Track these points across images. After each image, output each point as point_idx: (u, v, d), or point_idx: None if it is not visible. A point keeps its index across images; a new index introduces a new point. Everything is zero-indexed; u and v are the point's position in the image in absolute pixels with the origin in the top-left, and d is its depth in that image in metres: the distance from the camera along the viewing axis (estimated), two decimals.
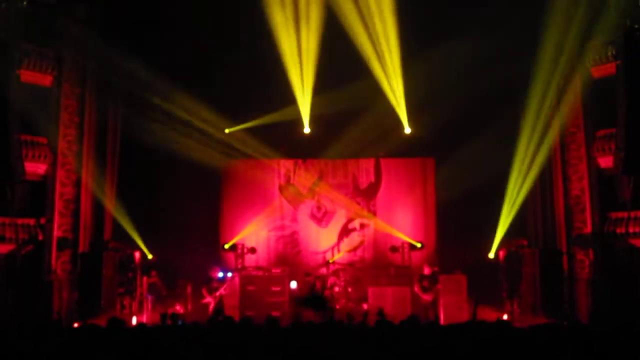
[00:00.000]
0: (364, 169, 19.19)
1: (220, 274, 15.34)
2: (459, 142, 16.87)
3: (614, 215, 14.88)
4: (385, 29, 16.61)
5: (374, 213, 19.05)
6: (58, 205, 15.46)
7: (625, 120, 14.14)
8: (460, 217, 17.29)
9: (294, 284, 17.07)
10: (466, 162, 16.61)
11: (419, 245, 17.86)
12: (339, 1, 16.34)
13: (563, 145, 15.98)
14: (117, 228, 16.65)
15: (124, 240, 16.42)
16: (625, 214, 14.57)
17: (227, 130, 17.79)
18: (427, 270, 15.36)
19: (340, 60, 16.61)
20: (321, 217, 19.07)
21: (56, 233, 15.36)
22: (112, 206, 16.64)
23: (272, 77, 16.79)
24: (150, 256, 16.76)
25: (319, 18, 16.49)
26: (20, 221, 14.69)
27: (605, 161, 15.15)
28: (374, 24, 16.63)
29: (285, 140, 18.30)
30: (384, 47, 16.71)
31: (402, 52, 16.66)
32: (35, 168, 15.22)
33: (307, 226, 19.07)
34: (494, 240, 16.80)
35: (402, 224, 18.59)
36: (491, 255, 16.85)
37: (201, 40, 16.30)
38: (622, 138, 14.17)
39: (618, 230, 14.69)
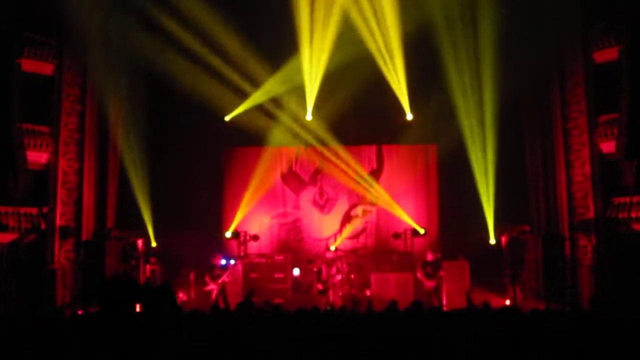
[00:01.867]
0: (366, 156, 19.18)
1: (223, 261, 15.36)
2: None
3: (617, 200, 14.86)
4: (386, 16, 16.61)
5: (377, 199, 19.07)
6: (60, 194, 15.47)
7: (627, 106, 14.11)
8: (462, 203, 17.34)
9: (296, 271, 17.12)
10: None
11: (422, 231, 17.87)
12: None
13: (565, 130, 15.93)
14: (120, 216, 16.68)
15: (126, 228, 16.46)
16: (627, 199, 14.55)
17: (227, 118, 17.74)
18: (430, 257, 15.37)
19: (345, 48, 16.66)
20: (323, 204, 19.09)
21: (59, 222, 15.37)
22: (114, 194, 16.66)
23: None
24: (154, 244, 16.82)
25: (330, 14, 16.57)
26: (22, 210, 14.72)
27: (608, 146, 15.11)
28: (375, 12, 16.63)
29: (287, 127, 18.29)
30: (385, 35, 16.71)
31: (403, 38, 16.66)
32: (38, 157, 15.22)
33: (309, 213, 19.10)
34: (493, 226, 16.90)
35: (405, 211, 18.59)
36: (492, 241, 16.88)
37: (207, 27, 16.31)
38: (625, 123, 14.14)
39: (621, 216, 14.68)
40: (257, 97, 17.54)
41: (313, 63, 16.99)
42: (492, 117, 16.77)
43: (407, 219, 18.19)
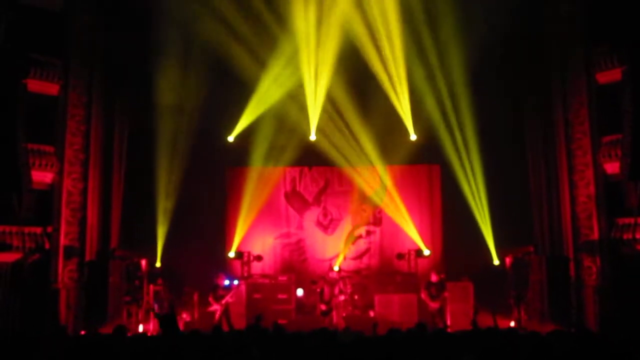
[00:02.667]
0: (370, 176, 19.18)
1: (227, 282, 15.32)
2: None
3: (621, 221, 14.82)
4: (390, 36, 16.74)
5: (380, 220, 19.06)
6: (65, 213, 15.45)
7: (631, 126, 14.13)
8: (466, 224, 17.33)
9: (300, 292, 17.06)
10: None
11: (428, 251, 17.84)
12: (349, 18, 16.54)
13: (569, 151, 15.93)
14: (124, 236, 16.67)
15: (131, 248, 16.45)
16: (632, 220, 14.50)
17: (230, 137, 17.76)
18: (434, 278, 15.31)
19: (350, 69, 16.83)
20: (327, 225, 19.08)
21: (63, 241, 15.34)
22: (118, 214, 16.67)
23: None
24: (158, 264, 16.81)
25: (334, 31, 16.72)
26: (27, 230, 14.72)
27: (612, 167, 15.09)
28: (379, 33, 16.77)
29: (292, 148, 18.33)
30: (389, 54, 16.83)
31: (406, 58, 16.80)
32: (42, 177, 15.25)
33: (313, 233, 19.09)
34: (496, 248, 16.91)
35: (408, 231, 18.56)
36: (495, 262, 16.86)
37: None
38: (628, 144, 14.15)
39: (625, 236, 14.62)
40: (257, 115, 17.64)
41: (316, 83, 17.09)
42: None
43: (414, 234, 18.17)
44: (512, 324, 14.93)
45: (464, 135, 17.26)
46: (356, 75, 17.23)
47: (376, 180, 18.93)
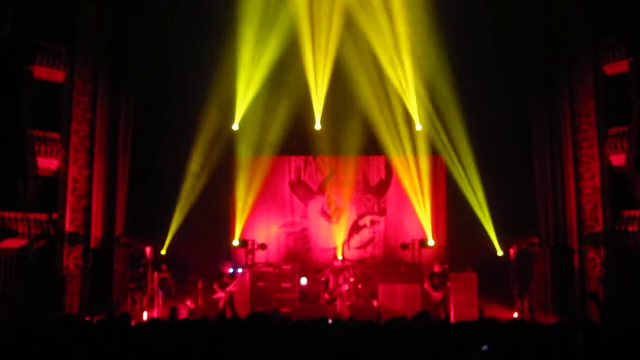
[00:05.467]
0: (375, 166, 19.22)
1: (231, 270, 15.36)
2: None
3: (626, 213, 14.78)
4: (395, 26, 16.72)
5: (385, 210, 19.07)
6: (70, 200, 15.49)
7: (637, 118, 14.08)
8: (470, 214, 17.33)
9: (304, 281, 17.11)
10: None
11: (432, 241, 17.86)
12: (354, 5, 16.51)
13: (575, 142, 15.88)
14: (129, 223, 16.73)
15: (135, 235, 16.52)
16: (637, 212, 14.47)
17: (235, 126, 17.74)
18: (437, 268, 15.32)
19: (353, 58, 16.79)
20: (332, 214, 19.10)
21: (68, 228, 15.40)
22: (124, 201, 16.72)
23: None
24: (164, 251, 16.89)
25: (337, 19, 16.75)
26: (32, 216, 14.77)
27: (618, 159, 15.03)
28: (384, 22, 16.73)
29: (297, 137, 18.34)
30: (394, 44, 16.81)
31: (412, 49, 16.78)
32: (48, 163, 15.26)
33: (317, 223, 19.12)
34: (500, 239, 16.92)
35: (412, 222, 18.58)
36: (499, 253, 16.86)
37: (212, 40, 16.44)
38: (635, 136, 14.11)
39: (630, 229, 14.59)
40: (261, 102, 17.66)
41: (318, 71, 17.09)
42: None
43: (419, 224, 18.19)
44: (516, 314, 14.95)
45: (469, 126, 17.22)
46: (360, 63, 17.23)
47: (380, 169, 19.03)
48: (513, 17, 16.04)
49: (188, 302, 15.49)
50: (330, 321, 8.86)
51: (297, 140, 18.48)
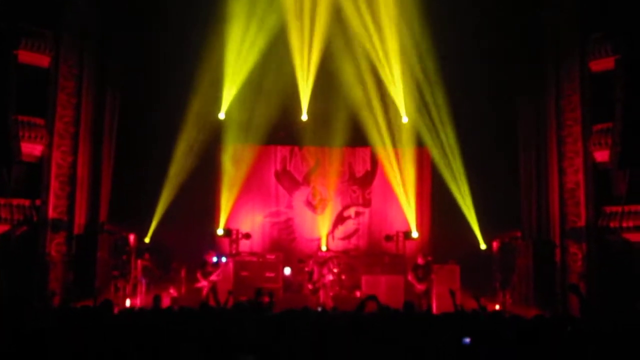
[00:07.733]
0: (360, 158, 19.21)
1: (215, 259, 15.34)
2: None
3: (609, 209, 14.94)
4: (382, 19, 16.75)
5: (369, 201, 19.10)
6: (54, 186, 15.39)
7: (622, 115, 14.18)
8: (454, 207, 17.41)
9: (287, 271, 17.11)
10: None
11: (416, 234, 17.91)
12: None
13: (559, 138, 15.99)
14: (113, 210, 16.65)
15: (119, 223, 16.44)
16: (619, 208, 14.64)
17: (221, 114, 17.66)
18: (421, 260, 15.39)
19: (340, 50, 16.79)
20: (316, 204, 19.10)
21: (51, 214, 15.30)
22: (108, 189, 16.63)
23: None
24: (147, 239, 16.82)
25: (325, 10, 16.77)
26: (15, 202, 14.69)
27: (601, 155, 15.16)
28: (372, 14, 16.77)
29: (283, 127, 18.30)
30: (382, 37, 16.85)
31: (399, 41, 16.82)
32: (32, 149, 15.16)
33: (302, 213, 19.11)
34: (484, 232, 17.03)
35: (397, 213, 18.62)
36: (483, 246, 16.97)
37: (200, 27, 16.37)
38: (619, 133, 14.21)
39: (612, 225, 14.75)
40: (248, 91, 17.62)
41: (304, 62, 17.09)
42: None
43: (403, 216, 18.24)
44: (497, 307, 15.06)
45: (455, 119, 17.28)
46: (347, 55, 17.24)
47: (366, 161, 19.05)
48: (501, 12, 16.05)
49: (171, 290, 15.48)
50: (319, 309, 8.89)
51: (283, 130, 18.43)
